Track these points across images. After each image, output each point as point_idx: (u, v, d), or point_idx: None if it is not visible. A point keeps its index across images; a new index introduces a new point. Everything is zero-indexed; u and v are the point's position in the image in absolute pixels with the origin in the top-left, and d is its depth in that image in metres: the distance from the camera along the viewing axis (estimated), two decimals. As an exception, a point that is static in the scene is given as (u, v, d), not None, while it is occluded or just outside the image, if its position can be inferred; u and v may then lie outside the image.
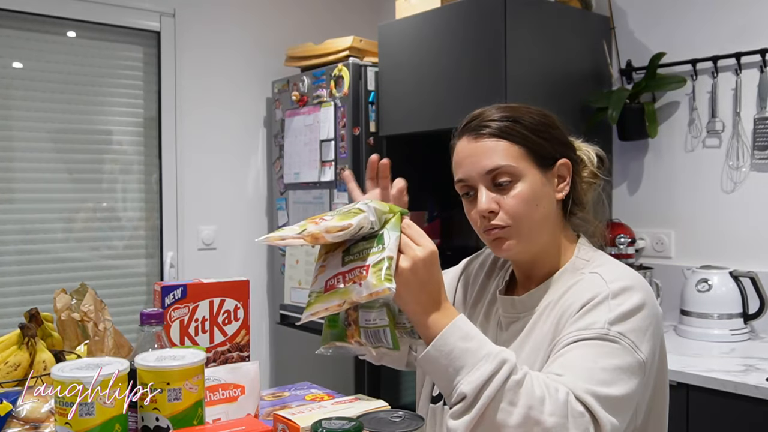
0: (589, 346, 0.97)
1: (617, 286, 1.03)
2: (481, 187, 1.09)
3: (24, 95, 2.83)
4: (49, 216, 2.89)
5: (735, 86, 2.38)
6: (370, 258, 0.91)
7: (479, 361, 0.89)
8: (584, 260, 1.14)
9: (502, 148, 1.09)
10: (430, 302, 0.93)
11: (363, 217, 0.91)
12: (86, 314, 1.38)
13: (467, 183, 1.12)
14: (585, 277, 1.10)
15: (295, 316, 3.15)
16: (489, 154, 1.09)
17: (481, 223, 1.11)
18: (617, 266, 1.12)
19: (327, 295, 0.94)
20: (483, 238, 1.14)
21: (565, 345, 0.99)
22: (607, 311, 1.00)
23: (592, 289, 1.05)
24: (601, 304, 1.01)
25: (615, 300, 1.02)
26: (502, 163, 1.08)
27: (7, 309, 2.78)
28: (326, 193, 2.93)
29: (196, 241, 3.22)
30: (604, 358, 0.96)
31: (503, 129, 1.10)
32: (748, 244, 2.36)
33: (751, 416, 1.74)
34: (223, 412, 1.12)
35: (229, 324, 1.41)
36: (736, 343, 2.16)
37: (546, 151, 1.12)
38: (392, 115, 2.70)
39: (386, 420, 0.99)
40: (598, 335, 0.98)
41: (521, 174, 1.08)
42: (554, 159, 1.13)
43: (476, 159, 1.10)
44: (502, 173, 1.08)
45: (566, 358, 0.97)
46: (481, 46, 2.35)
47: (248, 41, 3.35)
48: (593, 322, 0.99)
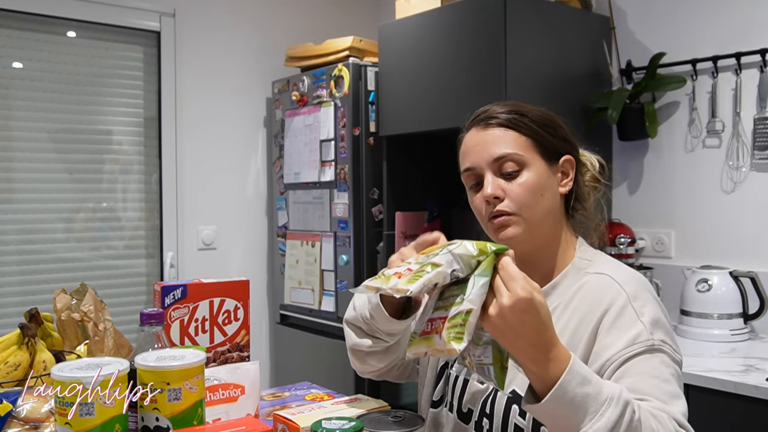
0: (646, 361, 0.98)
1: (631, 288, 1.06)
2: (488, 174, 1.11)
3: (24, 95, 2.83)
4: (49, 216, 2.89)
5: (735, 86, 2.38)
6: (452, 309, 0.86)
7: (602, 406, 0.85)
8: (586, 260, 1.15)
9: (511, 137, 1.11)
10: (533, 349, 0.86)
11: (437, 273, 0.87)
12: (86, 314, 1.38)
13: (474, 171, 1.13)
14: (592, 279, 1.11)
15: (295, 316, 3.15)
16: (497, 143, 1.11)
17: (485, 209, 1.12)
18: (621, 266, 1.14)
19: (421, 339, 0.91)
20: (487, 228, 1.15)
21: (620, 366, 0.99)
22: (636, 318, 1.02)
23: (607, 292, 1.06)
24: (626, 309, 1.03)
25: (636, 303, 1.04)
26: (509, 150, 1.10)
27: (7, 309, 2.78)
28: (326, 193, 2.93)
29: (196, 241, 3.22)
30: (664, 368, 0.98)
31: (511, 120, 1.12)
32: (748, 244, 2.36)
33: (751, 416, 1.74)
34: (223, 412, 1.12)
35: (229, 324, 1.41)
36: (736, 343, 2.16)
37: (552, 144, 1.14)
38: (392, 115, 2.70)
39: (386, 420, 0.99)
40: (648, 347, 0.99)
41: (527, 163, 1.11)
42: (559, 154, 1.15)
43: (484, 147, 1.12)
44: (509, 161, 1.10)
45: (634, 380, 0.97)
46: (481, 46, 2.35)
47: (248, 41, 3.35)
48: (636, 335, 1.00)
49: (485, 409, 1.13)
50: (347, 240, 2.81)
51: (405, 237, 2.76)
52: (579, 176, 1.18)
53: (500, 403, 1.11)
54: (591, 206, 1.21)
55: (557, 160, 1.14)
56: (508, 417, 1.09)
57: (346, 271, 2.83)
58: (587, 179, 1.21)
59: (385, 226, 2.77)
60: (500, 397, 1.11)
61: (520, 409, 1.08)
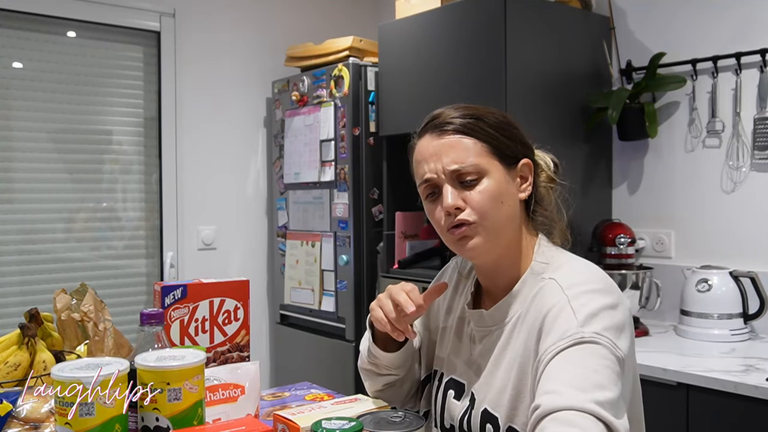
0: (572, 353, 0.94)
1: (573, 292, 1.01)
2: (446, 185, 1.07)
3: (24, 95, 2.83)
4: (49, 216, 2.89)
5: (735, 86, 2.38)
6: None
7: None
8: (543, 263, 1.12)
9: (467, 144, 1.07)
10: None
11: None
12: (86, 314, 1.38)
13: (431, 182, 1.09)
14: (545, 284, 1.07)
15: (295, 316, 3.15)
16: (454, 151, 1.07)
17: (445, 221, 1.08)
18: (573, 268, 1.10)
19: None
20: (447, 240, 1.11)
21: (548, 362, 0.95)
22: (572, 316, 0.98)
23: (550, 299, 1.03)
24: (563, 311, 0.99)
25: (576, 302, 0.99)
26: (467, 159, 1.06)
27: (7, 309, 2.78)
28: (326, 193, 2.93)
29: (196, 241, 3.22)
30: (591, 359, 0.93)
31: (467, 126, 1.08)
32: (748, 244, 2.36)
33: (751, 416, 1.74)
34: (223, 412, 1.12)
35: (229, 324, 1.41)
36: (736, 343, 2.16)
37: (509, 149, 1.10)
38: (392, 115, 2.70)
39: (386, 420, 0.99)
40: (576, 341, 0.94)
41: (486, 170, 1.07)
42: (517, 158, 1.11)
43: (440, 156, 1.07)
44: (467, 170, 1.06)
45: (556, 372, 0.93)
46: (481, 46, 2.35)
47: (248, 41, 3.35)
48: (565, 330, 0.96)
49: (463, 426, 1.13)
50: (347, 240, 2.81)
51: (405, 237, 2.76)
52: (536, 178, 1.15)
53: (475, 421, 1.11)
54: (552, 207, 1.18)
55: (515, 164, 1.11)
56: (483, 428, 1.09)
57: (346, 271, 2.83)
58: (543, 180, 1.18)
59: (385, 226, 2.77)
60: (474, 415, 1.11)
61: (493, 427, 1.07)
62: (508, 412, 1.05)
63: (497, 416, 1.07)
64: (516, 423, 1.04)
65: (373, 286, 2.82)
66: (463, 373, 1.17)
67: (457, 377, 1.18)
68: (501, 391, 1.07)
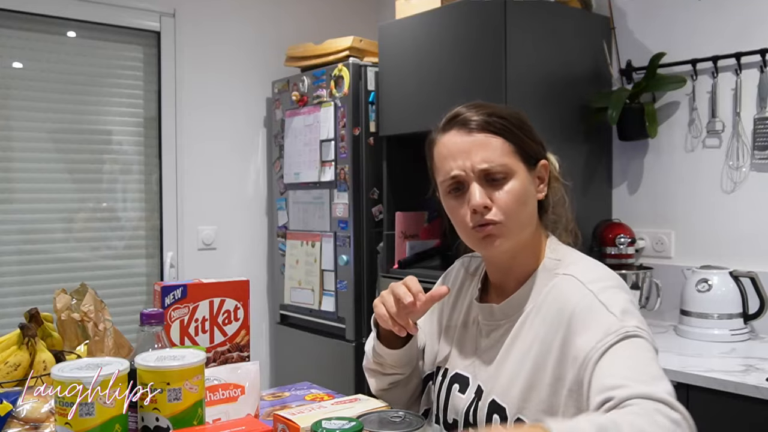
0: (623, 349, 0.95)
1: (597, 287, 1.04)
2: (474, 183, 1.08)
3: (24, 95, 2.83)
4: (49, 216, 2.89)
5: (735, 86, 2.38)
6: None
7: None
8: (555, 260, 1.14)
9: (497, 144, 1.08)
10: None
11: None
12: (86, 314, 1.38)
13: (458, 179, 1.10)
14: (560, 281, 1.09)
15: (295, 316, 3.15)
16: (484, 149, 1.08)
17: (471, 218, 1.09)
18: (588, 264, 1.12)
19: None
20: (470, 237, 1.12)
21: (599, 359, 0.95)
22: (605, 311, 0.99)
23: (573, 294, 1.04)
24: (594, 307, 1.00)
25: (603, 297, 1.01)
26: (497, 158, 1.07)
27: (7, 309, 2.78)
28: (326, 193, 2.93)
29: (196, 241, 3.22)
30: (643, 352, 0.94)
31: (495, 124, 1.09)
32: (748, 244, 2.35)
33: (751, 416, 1.74)
34: (223, 412, 1.12)
35: (229, 324, 1.41)
36: (736, 343, 2.16)
37: (532, 150, 1.12)
38: (392, 115, 2.70)
39: (386, 420, 0.99)
40: (623, 336, 0.95)
41: (514, 171, 1.08)
42: (537, 159, 1.13)
43: (470, 153, 1.08)
44: (496, 169, 1.07)
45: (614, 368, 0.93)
46: (481, 46, 2.35)
47: (248, 41, 3.35)
48: (608, 326, 0.97)
49: (468, 419, 1.14)
50: (347, 240, 2.81)
51: (405, 237, 2.75)
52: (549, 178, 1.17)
53: (482, 412, 1.11)
54: (562, 206, 1.19)
55: (535, 165, 1.12)
56: (491, 426, 1.09)
57: (346, 271, 2.83)
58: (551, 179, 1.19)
59: (385, 226, 2.77)
60: (481, 407, 1.12)
61: (500, 418, 1.08)
62: (518, 404, 1.06)
63: (505, 407, 1.08)
64: (525, 415, 1.05)
65: (373, 286, 2.81)
66: (467, 367, 1.18)
67: (462, 371, 1.19)
68: (510, 383, 1.08)
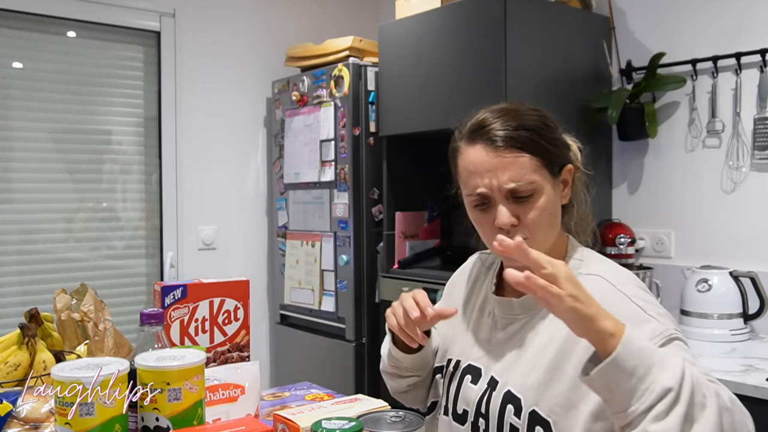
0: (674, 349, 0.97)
1: (629, 290, 1.06)
2: (502, 201, 1.08)
3: (24, 95, 2.83)
4: (49, 216, 2.89)
5: (735, 86, 2.38)
6: None
7: (665, 358, 0.86)
8: (578, 260, 1.15)
9: (524, 162, 1.07)
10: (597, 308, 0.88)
11: None
12: (86, 314, 1.38)
13: (484, 195, 1.09)
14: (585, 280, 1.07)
15: (295, 316, 3.15)
16: (511, 168, 1.07)
17: (498, 234, 1.08)
18: (612, 266, 1.14)
19: None
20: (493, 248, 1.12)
21: None
22: (644, 314, 1.01)
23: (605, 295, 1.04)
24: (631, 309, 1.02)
25: (638, 300, 1.04)
26: (524, 177, 1.07)
27: (7, 309, 2.78)
28: (326, 193, 2.93)
29: (196, 241, 3.22)
30: (686, 353, 0.97)
31: (521, 139, 1.07)
32: (748, 244, 2.35)
33: (752, 416, 1.73)
34: (223, 412, 1.12)
35: (229, 324, 1.41)
36: (736, 343, 2.16)
37: (557, 159, 1.12)
38: (392, 115, 2.70)
39: (386, 420, 0.99)
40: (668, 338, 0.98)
41: (541, 187, 1.08)
42: (561, 166, 1.13)
43: (497, 173, 1.07)
44: (524, 188, 1.07)
45: None
46: (481, 46, 2.35)
47: (248, 41, 3.35)
48: (653, 329, 0.99)
49: (480, 409, 1.14)
50: (347, 240, 2.81)
51: (405, 237, 2.75)
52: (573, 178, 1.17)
53: (495, 403, 1.11)
54: (585, 208, 1.20)
55: (560, 172, 1.13)
56: (504, 416, 1.09)
57: (346, 271, 2.83)
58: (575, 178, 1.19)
59: (385, 226, 2.77)
60: (495, 397, 1.12)
61: (515, 408, 1.08)
62: (535, 396, 1.07)
63: (521, 398, 1.08)
64: (541, 408, 1.06)
65: (373, 286, 2.82)
66: (480, 358, 1.19)
67: (474, 362, 1.19)
68: (528, 374, 1.09)
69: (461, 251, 1.44)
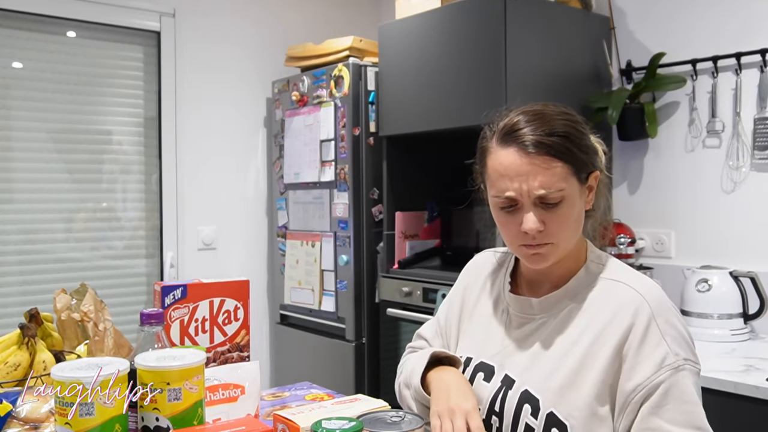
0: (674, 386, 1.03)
1: (654, 302, 1.10)
2: (530, 206, 1.08)
3: (24, 95, 2.83)
4: (49, 216, 2.89)
5: (735, 86, 2.38)
6: None
7: None
8: (600, 264, 1.17)
9: (556, 169, 1.06)
10: None
11: None
12: (86, 314, 1.38)
13: (512, 199, 1.09)
14: (611, 286, 1.13)
15: (295, 316, 3.15)
16: (542, 175, 1.06)
17: (522, 238, 1.10)
18: (637, 274, 1.16)
19: None
20: (519, 251, 1.14)
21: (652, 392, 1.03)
22: (660, 338, 1.05)
23: (631, 304, 1.09)
24: (650, 329, 1.06)
25: (660, 320, 1.07)
26: (555, 185, 1.06)
27: (7, 309, 2.78)
28: (326, 193, 2.93)
29: (196, 241, 3.22)
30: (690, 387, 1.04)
31: (554, 146, 1.07)
32: (748, 244, 2.36)
33: (751, 416, 1.74)
34: (223, 412, 1.12)
35: (229, 324, 1.41)
36: (736, 343, 2.16)
37: (586, 166, 1.11)
38: (392, 115, 2.70)
39: (386, 420, 0.99)
40: (674, 369, 1.03)
41: (569, 195, 1.08)
42: (589, 172, 1.13)
43: (528, 178, 1.07)
44: (553, 195, 1.07)
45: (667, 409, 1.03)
46: (481, 46, 2.35)
47: (248, 41, 3.35)
48: (662, 358, 1.04)
49: (494, 407, 1.13)
50: (347, 240, 2.81)
51: (405, 237, 2.76)
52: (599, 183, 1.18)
53: (511, 401, 1.11)
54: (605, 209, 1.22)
55: (587, 178, 1.13)
56: (519, 415, 1.09)
57: (346, 271, 2.83)
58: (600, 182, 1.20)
59: (385, 226, 2.77)
60: (511, 395, 1.12)
61: (532, 408, 1.08)
62: (554, 398, 1.07)
63: (539, 399, 1.08)
64: (559, 410, 1.06)
65: (373, 286, 2.82)
66: (494, 356, 1.19)
67: (487, 360, 1.19)
68: (549, 375, 1.09)
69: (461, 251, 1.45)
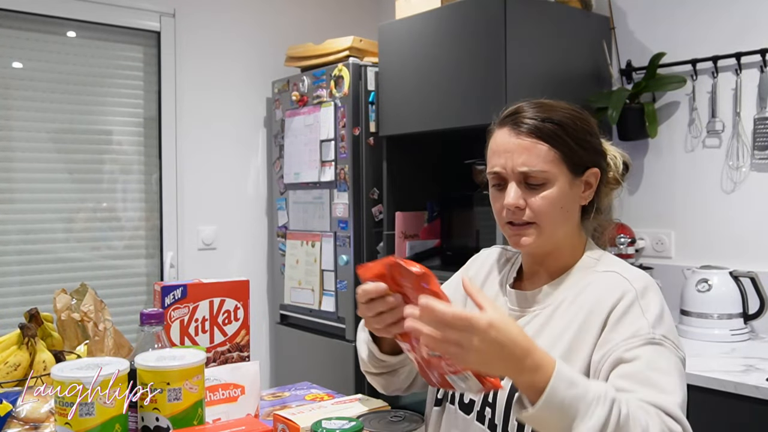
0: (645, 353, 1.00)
1: (640, 285, 1.08)
2: (512, 183, 1.12)
3: (24, 95, 2.83)
4: (49, 216, 2.89)
5: (735, 86, 2.38)
6: None
7: (590, 406, 0.88)
8: (594, 259, 1.18)
9: (541, 151, 1.10)
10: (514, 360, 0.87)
11: None
12: (86, 314, 1.38)
13: (500, 175, 1.14)
14: (602, 276, 1.13)
15: (295, 316, 3.15)
16: (527, 153, 1.10)
17: (505, 214, 1.14)
18: (629, 265, 1.17)
19: None
20: (504, 229, 1.17)
21: (619, 357, 1.01)
22: (641, 314, 1.04)
23: (618, 287, 1.08)
24: (633, 306, 1.05)
25: (643, 300, 1.06)
26: (537, 166, 1.10)
27: (7, 309, 2.78)
28: (326, 193, 2.93)
29: (196, 241, 3.22)
30: (663, 361, 1.00)
31: (545, 130, 1.11)
32: (748, 244, 2.36)
33: (751, 416, 1.74)
34: (223, 412, 1.12)
35: (229, 324, 1.41)
36: (736, 343, 2.16)
37: (581, 159, 1.14)
38: (392, 115, 2.70)
39: (386, 420, 0.99)
40: (648, 341, 1.01)
41: (553, 178, 1.11)
42: (586, 167, 1.15)
43: (513, 155, 1.11)
44: (535, 174, 1.10)
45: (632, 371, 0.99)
46: (481, 47, 2.35)
47: (248, 41, 3.35)
48: (637, 328, 1.02)
49: (487, 398, 1.14)
50: (347, 240, 2.81)
51: (405, 237, 2.75)
52: (600, 184, 1.19)
53: (503, 393, 1.11)
54: (609, 215, 1.24)
55: (583, 172, 1.15)
56: (511, 407, 1.09)
57: (346, 271, 2.83)
58: (609, 179, 1.22)
59: (385, 226, 2.77)
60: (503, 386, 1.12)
61: None
62: None
63: None
64: None
65: (373, 286, 2.81)
66: None
67: None
68: None
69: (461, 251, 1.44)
